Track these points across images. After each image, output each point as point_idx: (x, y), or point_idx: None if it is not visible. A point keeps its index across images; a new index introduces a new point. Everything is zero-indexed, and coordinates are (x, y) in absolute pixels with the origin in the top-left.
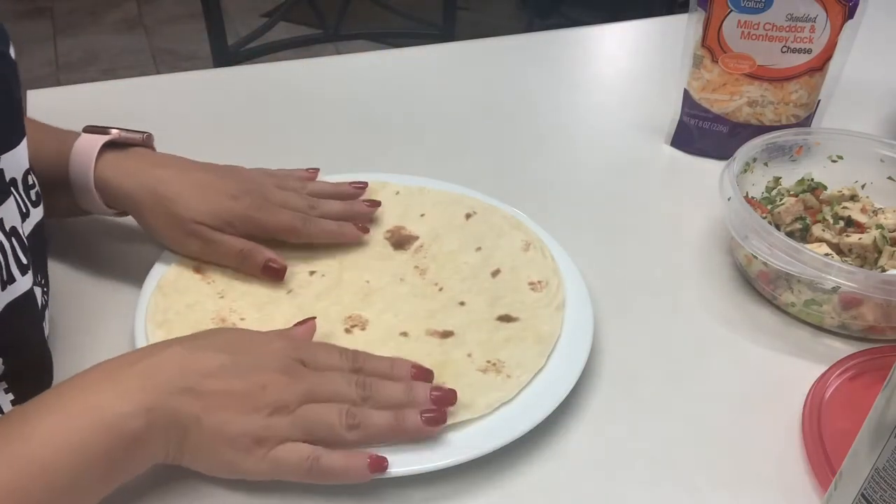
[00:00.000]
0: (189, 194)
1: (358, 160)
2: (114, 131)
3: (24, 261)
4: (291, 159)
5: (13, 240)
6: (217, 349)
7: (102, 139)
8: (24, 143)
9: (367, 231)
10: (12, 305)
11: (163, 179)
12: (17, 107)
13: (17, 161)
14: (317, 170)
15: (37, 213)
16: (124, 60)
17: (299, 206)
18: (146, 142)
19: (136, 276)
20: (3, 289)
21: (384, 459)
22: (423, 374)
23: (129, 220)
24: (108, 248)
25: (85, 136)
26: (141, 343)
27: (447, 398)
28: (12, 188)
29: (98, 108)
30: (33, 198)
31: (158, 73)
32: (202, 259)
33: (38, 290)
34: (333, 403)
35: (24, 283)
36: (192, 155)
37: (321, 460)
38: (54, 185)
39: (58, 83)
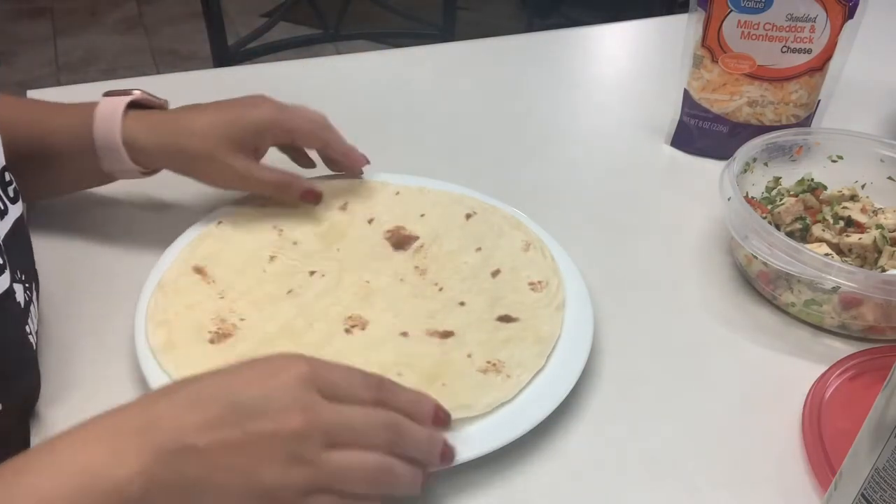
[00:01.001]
0: (216, 121)
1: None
2: (135, 92)
3: (2, 261)
4: None
5: None
6: (219, 392)
7: (125, 99)
8: None
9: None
10: None
11: (189, 119)
12: None
13: None
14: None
15: (15, 210)
16: (124, 60)
17: None
18: (164, 106)
19: (136, 274)
20: None
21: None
22: (443, 420)
23: (127, 219)
24: (108, 247)
25: (107, 98)
26: (140, 342)
27: (450, 454)
28: None
29: None
30: (11, 195)
31: (158, 73)
32: (238, 189)
33: (18, 288)
34: (357, 453)
35: (2, 282)
36: None
37: None
38: (76, 153)
39: (58, 83)
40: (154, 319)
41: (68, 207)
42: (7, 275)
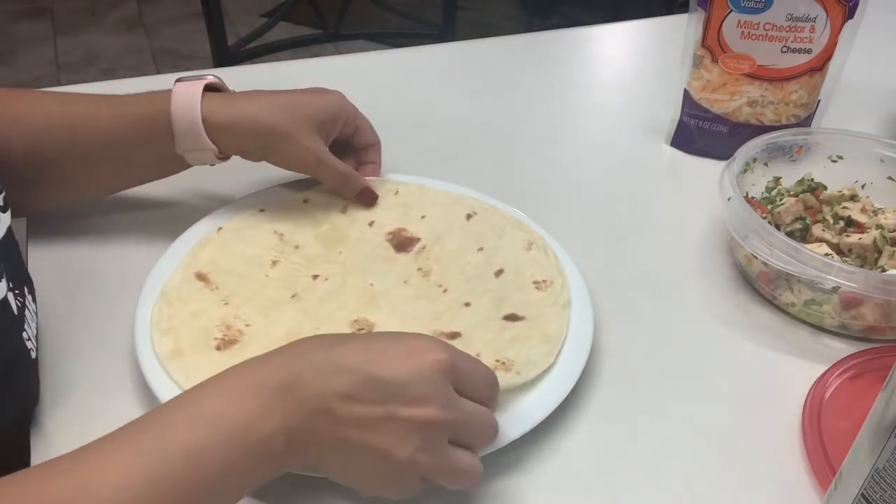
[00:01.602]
0: (297, 101)
1: None
2: (209, 77)
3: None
4: None
5: None
6: (362, 363)
7: (201, 83)
8: None
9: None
10: None
11: (272, 96)
12: None
13: None
14: None
15: (5, 219)
16: (124, 60)
17: None
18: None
19: (133, 280)
20: None
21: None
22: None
23: (125, 222)
24: (105, 250)
25: (181, 83)
26: (143, 351)
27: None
28: None
29: None
30: (1, 203)
31: (158, 73)
32: (300, 171)
33: (10, 296)
34: (469, 456)
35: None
36: None
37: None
38: (148, 138)
39: (58, 83)
40: (159, 328)
41: (66, 211)
42: (4, 282)
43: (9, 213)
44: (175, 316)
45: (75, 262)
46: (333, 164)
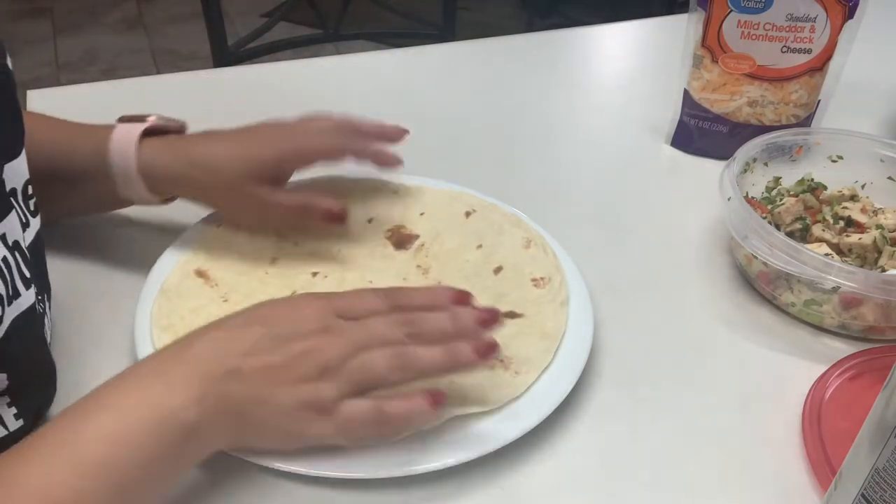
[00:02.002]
0: (235, 157)
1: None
2: (150, 118)
3: (28, 274)
4: None
5: (16, 254)
6: (251, 325)
7: (141, 127)
8: (24, 153)
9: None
10: (18, 320)
11: (207, 153)
12: (19, 117)
13: (18, 171)
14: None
15: (35, 223)
16: (124, 60)
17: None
18: (181, 130)
19: (134, 279)
20: (10, 304)
21: (441, 393)
22: (463, 298)
23: (125, 221)
24: (106, 251)
25: (122, 125)
26: (144, 348)
27: (493, 318)
28: (12, 199)
29: (98, 108)
30: (32, 208)
31: (158, 73)
32: (263, 226)
33: (36, 302)
34: (377, 349)
35: (28, 297)
36: None
37: (384, 410)
38: (90, 177)
39: (58, 83)
40: (159, 324)
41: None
42: (33, 288)
43: (38, 218)
44: (174, 312)
45: (75, 262)
46: (280, 200)
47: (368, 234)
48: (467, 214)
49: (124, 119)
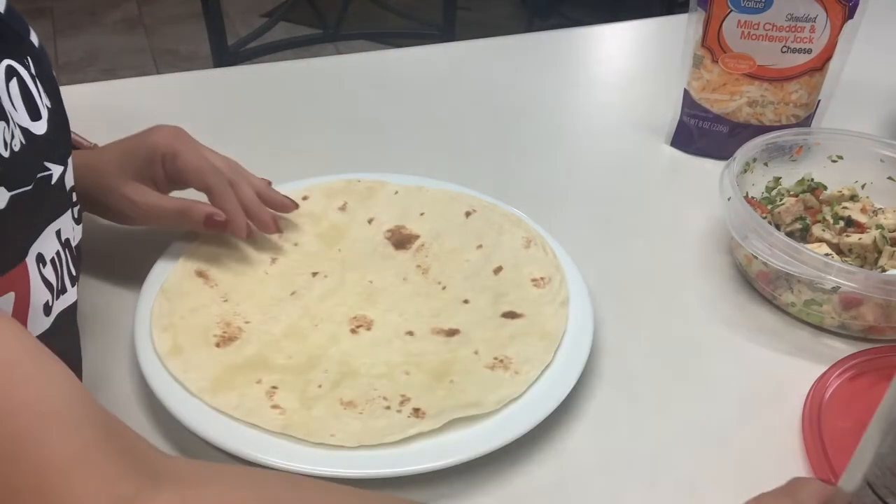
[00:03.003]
0: (114, 163)
1: (357, 160)
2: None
3: (74, 272)
4: (291, 159)
5: (66, 251)
6: None
7: None
8: (70, 158)
9: (274, 230)
10: (63, 315)
11: (92, 162)
12: (66, 121)
13: (70, 176)
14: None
15: (78, 230)
16: (124, 60)
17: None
18: (77, 142)
19: (134, 279)
20: (58, 298)
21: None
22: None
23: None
24: (106, 251)
25: None
26: (144, 348)
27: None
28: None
29: (98, 108)
30: (75, 214)
31: (158, 73)
32: (147, 224)
33: None
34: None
35: (72, 294)
36: None
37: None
38: None
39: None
40: (159, 324)
41: None
42: (77, 287)
43: (80, 227)
44: (174, 312)
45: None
46: (158, 203)
47: (368, 234)
48: (467, 214)
49: None
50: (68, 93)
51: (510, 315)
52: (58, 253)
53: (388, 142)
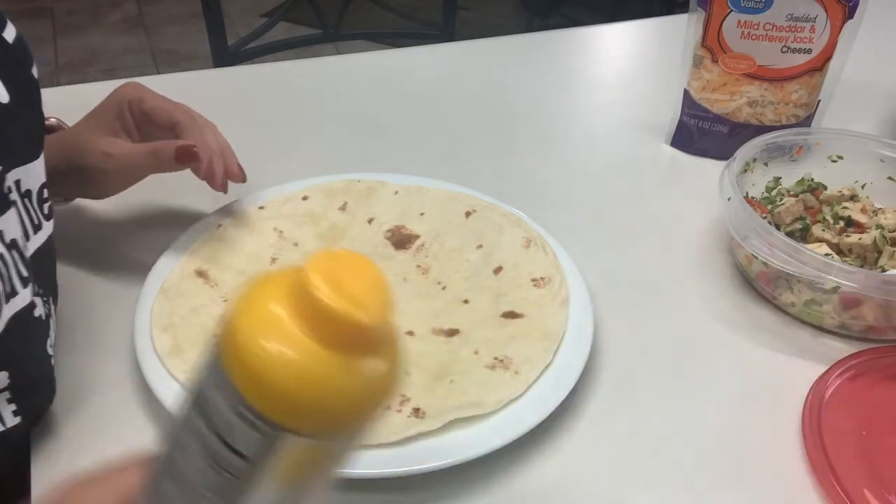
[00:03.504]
0: (88, 126)
1: (358, 160)
2: (52, 120)
3: (25, 273)
4: (291, 159)
5: (14, 252)
6: None
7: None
8: (42, 156)
9: (242, 179)
10: (16, 318)
11: (66, 137)
12: (41, 122)
13: (36, 173)
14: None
15: (48, 227)
16: (124, 60)
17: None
18: (58, 125)
19: (134, 279)
20: (7, 301)
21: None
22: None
23: (125, 221)
24: (106, 251)
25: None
26: (144, 347)
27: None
28: (25, 199)
29: None
30: (46, 211)
31: (158, 73)
32: (123, 185)
33: (38, 301)
34: None
35: (25, 295)
36: None
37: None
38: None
39: (58, 83)
40: (159, 324)
41: (66, 208)
42: (30, 287)
43: (51, 223)
44: (175, 312)
45: (76, 262)
46: (130, 149)
47: (368, 234)
48: (467, 214)
49: None
50: (68, 93)
51: (510, 315)
52: (0, 256)
53: (388, 142)
